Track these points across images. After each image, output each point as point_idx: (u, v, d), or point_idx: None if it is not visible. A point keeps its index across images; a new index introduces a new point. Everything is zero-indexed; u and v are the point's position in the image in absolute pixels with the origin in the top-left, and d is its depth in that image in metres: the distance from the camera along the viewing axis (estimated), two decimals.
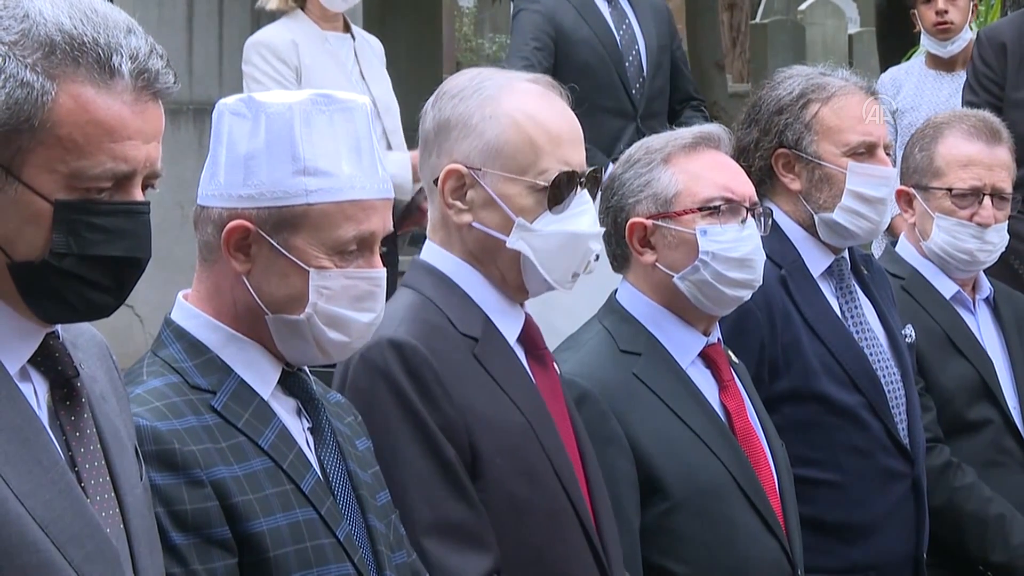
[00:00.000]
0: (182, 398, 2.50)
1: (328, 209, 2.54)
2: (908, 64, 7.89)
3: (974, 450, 4.37)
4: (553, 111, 3.02)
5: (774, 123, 3.98)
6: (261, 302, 2.56)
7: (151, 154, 2.11)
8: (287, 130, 2.54)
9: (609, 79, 6.78)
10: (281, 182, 2.53)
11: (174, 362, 2.55)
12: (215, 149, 2.60)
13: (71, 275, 2.07)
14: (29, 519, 2.03)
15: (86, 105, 2.05)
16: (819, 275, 3.99)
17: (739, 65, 18.44)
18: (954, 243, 4.39)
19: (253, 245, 2.55)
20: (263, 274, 2.56)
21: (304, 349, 2.59)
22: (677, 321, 3.50)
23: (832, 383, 3.88)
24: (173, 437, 2.44)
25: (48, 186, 2.05)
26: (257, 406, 2.55)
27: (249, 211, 2.54)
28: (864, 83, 4.02)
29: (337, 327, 2.58)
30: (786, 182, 3.98)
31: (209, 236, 2.58)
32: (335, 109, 2.58)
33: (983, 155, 4.42)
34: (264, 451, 2.51)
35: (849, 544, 3.86)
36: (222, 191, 2.57)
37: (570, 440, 3.08)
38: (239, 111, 2.57)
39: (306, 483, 2.53)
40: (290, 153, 2.54)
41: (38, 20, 2.05)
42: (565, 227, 2.97)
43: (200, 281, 2.63)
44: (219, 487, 2.44)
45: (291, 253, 2.55)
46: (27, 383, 2.12)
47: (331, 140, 2.56)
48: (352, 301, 2.58)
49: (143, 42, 2.10)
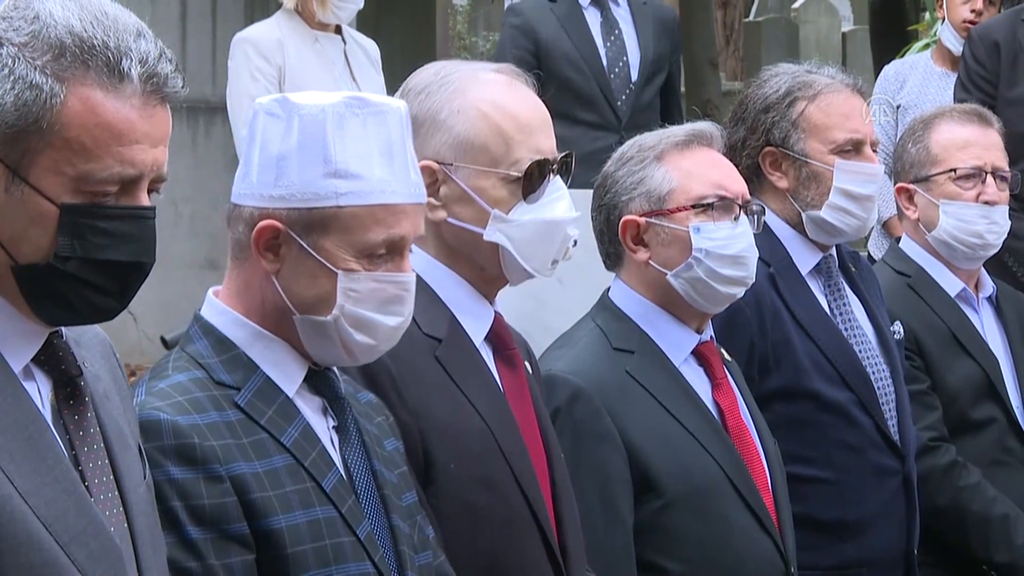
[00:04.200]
0: (205, 393, 2.50)
1: (358, 212, 2.54)
2: (913, 58, 7.70)
3: (979, 449, 4.37)
4: (520, 100, 3.00)
5: (761, 121, 3.98)
6: (289, 302, 2.56)
7: (158, 158, 2.11)
8: (319, 132, 2.54)
9: (590, 92, 6.74)
10: (312, 183, 2.53)
11: (200, 357, 2.56)
12: (249, 148, 2.59)
13: (75, 278, 2.08)
14: (33, 517, 2.03)
15: (94, 108, 2.05)
16: (807, 273, 4.00)
17: (733, 63, 18.43)
18: (963, 226, 4.38)
19: (283, 245, 2.55)
20: (292, 274, 2.56)
21: (330, 350, 2.59)
22: (670, 319, 3.50)
23: (822, 380, 3.89)
24: (193, 431, 2.44)
25: (55, 189, 2.05)
26: (281, 403, 2.55)
27: (280, 211, 2.54)
28: (850, 81, 4.03)
29: (363, 330, 2.57)
30: (773, 180, 3.98)
31: (240, 234, 2.59)
32: (369, 112, 2.57)
33: (979, 136, 4.43)
34: (286, 448, 2.51)
35: (841, 540, 3.87)
36: (254, 190, 2.56)
37: (536, 443, 3.04)
38: (273, 111, 2.57)
39: (327, 481, 2.53)
40: (322, 155, 2.53)
41: (48, 22, 2.06)
42: (541, 215, 2.95)
43: (230, 278, 2.63)
44: (238, 483, 2.44)
45: (320, 255, 2.54)
46: (31, 382, 2.12)
47: (363, 143, 2.55)
48: (380, 304, 2.57)
49: (153, 46, 2.11)
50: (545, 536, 2.96)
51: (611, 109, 6.77)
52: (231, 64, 6.49)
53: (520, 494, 2.93)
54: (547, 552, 2.96)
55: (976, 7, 7.06)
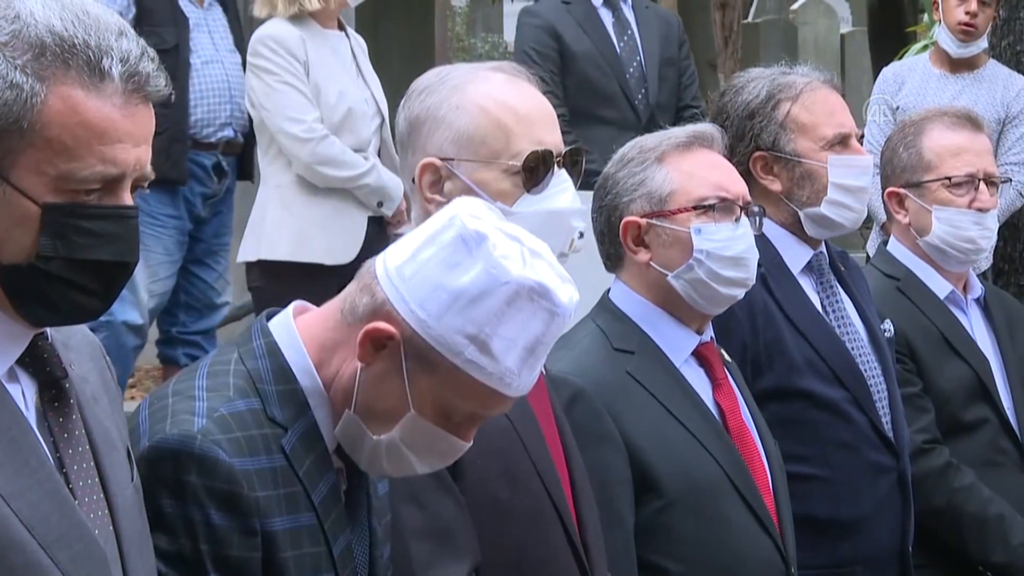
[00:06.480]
0: (259, 432, 2.44)
1: (468, 381, 2.44)
2: (912, 60, 7.69)
3: (971, 450, 4.38)
4: (521, 94, 2.98)
5: (747, 127, 3.98)
6: (355, 397, 2.49)
7: (141, 157, 2.09)
8: (490, 297, 2.42)
9: (611, 90, 6.79)
10: (451, 333, 2.42)
11: (259, 381, 2.49)
12: (428, 243, 2.47)
13: (58, 278, 2.06)
14: (15, 520, 2.02)
15: (76, 107, 2.04)
16: (799, 271, 4.01)
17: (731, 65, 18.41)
18: (956, 233, 4.39)
19: (387, 351, 2.45)
20: (374, 380, 2.48)
21: (354, 449, 2.53)
22: (670, 320, 3.51)
23: (816, 379, 3.89)
24: (245, 481, 2.39)
25: (36, 188, 2.04)
26: (320, 453, 2.50)
27: (407, 326, 2.44)
28: (825, 76, 4.05)
29: (393, 460, 2.52)
30: (766, 184, 3.99)
31: (361, 304, 2.48)
32: (542, 307, 2.45)
33: (971, 142, 4.44)
34: (313, 507, 2.47)
35: (836, 539, 3.87)
36: (401, 288, 2.45)
37: (554, 441, 3.06)
38: (468, 240, 2.44)
39: (337, 546, 2.50)
40: (478, 318, 2.42)
41: (29, 21, 2.04)
42: (545, 206, 2.93)
43: (325, 326, 2.53)
44: (268, 540, 2.41)
45: (410, 386, 2.45)
46: (14, 384, 2.11)
47: (518, 332, 2.44)
48: (426, 452, 2.52)
49: (134, 44, 2.09)
50: (568, 532, 2.98)
51: (631, 107, 6.81)
52: (256, 61, 6.38)
53: (543, 490, 2.94)
54: (571, 548, 2.98)
55: (970, 9, 7.07)
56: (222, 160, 7.04)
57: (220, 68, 7.01)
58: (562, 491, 3.00)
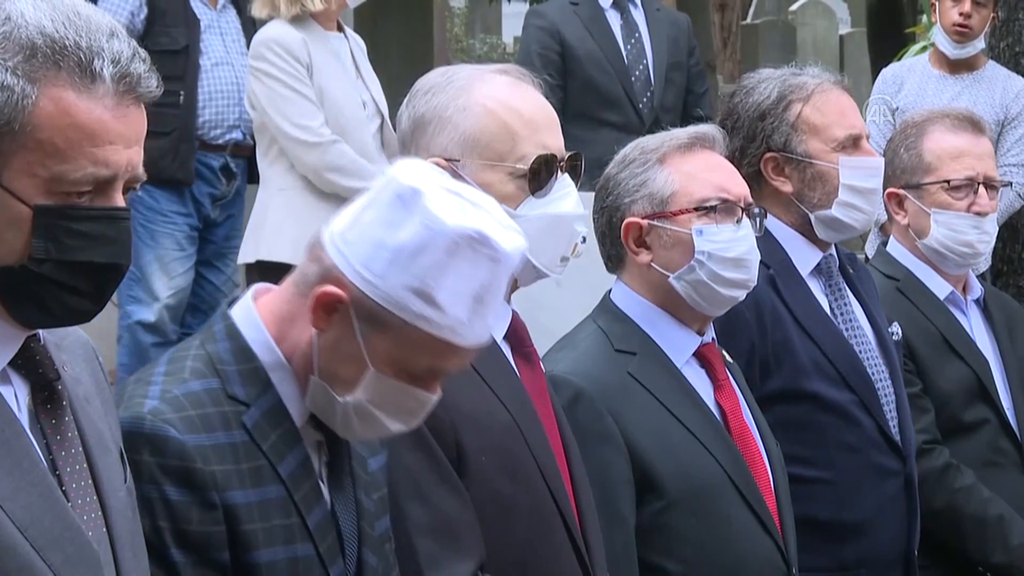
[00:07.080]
0: (217, 409, 2.46)
1: (420, 335, 2.46)
2: (911, 61, 7.67)
3: (971, 451, 4.38)
4: (526, 98, 3.00)
5: (758, 128, 3.98)
6: (317, 364, 2.50)
7: (132, 158, 2.09)
8: (432, 251, 2.44)
9: (615, 93, 6.78)
10: (398, 289, 2.44)
11: (219, 362, 2.51)
12: (367, 207, 2.49)
13: (50, 280, 2.06)
14: (8, 522, 2.02)
15: (67, 109, 2.04)
16: (808, 274, 4.00)
17: (730, 66, 18.43)
18: (954, 236, 4.39)
19: (339, 315, 2.47)
20: (332, 345, 2.49)
21: (328, 417, 2.54)
22: (671, 321, 3.51)
23: (823, 381, 3.88)
24: (198, 455, 2.40)
25: (28, 190, 2.03)
26: (286, 429, 2.51)
27: (355, 288, 2.46)
28: (835, 78, 4.04)
29: (367, 422, 2.53)
30: (777, 185, 3.98)
31: (311, 274, 2.50)
32: (485, 255, 2.45)
33: (972, 146, 4.44)
34: (281, 479, 2.48)
35: (841, 542, 3.86)
36: (347, 253, 2.47)
37: (555, 439, 3.07)
38: (405, 198, 2.45)
39: (313, 517, 2.50)
40: (421, 272, 2.43)
41: (19, 23, 2.04)
42: (548, 210, 2.95)
43: (281, 299, 2.56)
44: (230, 512, 2.42)
45: (366, 346, 2.47)
46: (7, 386, 2.11)
47: (463, 282, 2.45)
48: (395, 411, 2.53)
49: (126, 46, 2.09)
50: (569, 530, 2.98)
51: (634, 110, 6.81)
52: (259, 64, 6.35)
53: (546, 488, 2.95)
54: (572, 547, 2.98)
55: (964, 10, 7.07)
56: (230, 162, 7.04)
57: (230, 70, 7.00)
58: (564, 488, 3.01)
